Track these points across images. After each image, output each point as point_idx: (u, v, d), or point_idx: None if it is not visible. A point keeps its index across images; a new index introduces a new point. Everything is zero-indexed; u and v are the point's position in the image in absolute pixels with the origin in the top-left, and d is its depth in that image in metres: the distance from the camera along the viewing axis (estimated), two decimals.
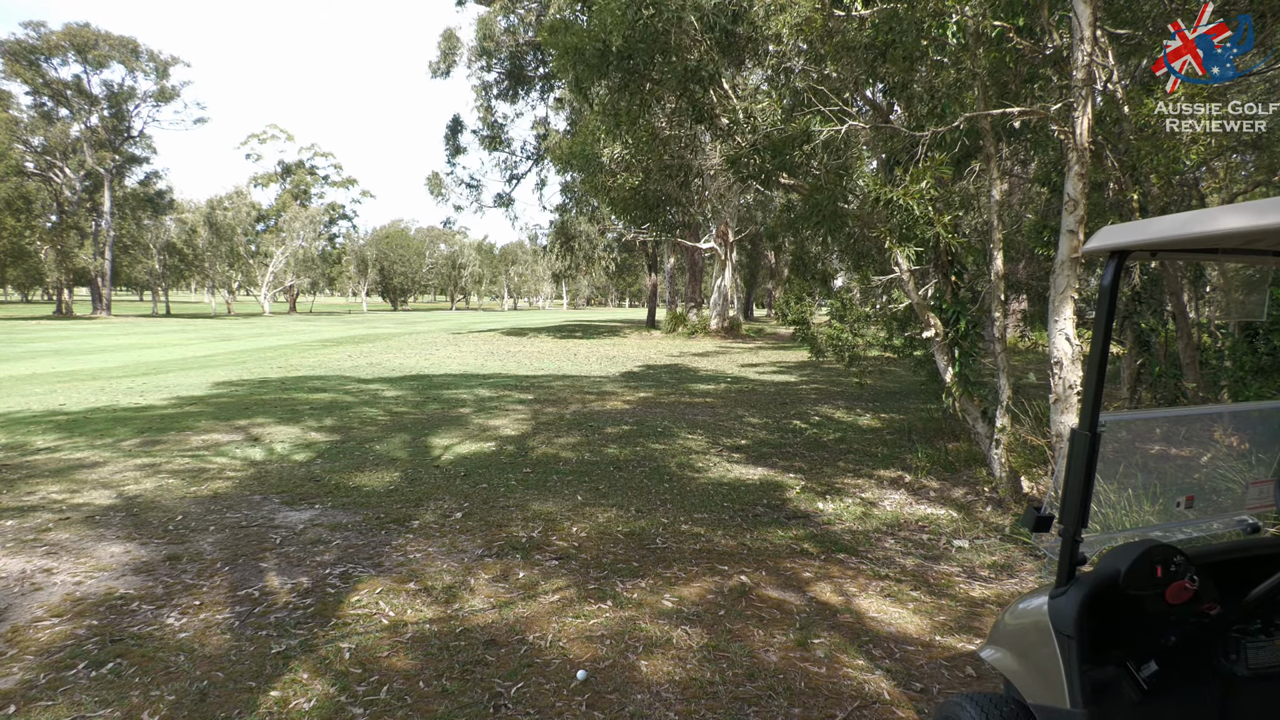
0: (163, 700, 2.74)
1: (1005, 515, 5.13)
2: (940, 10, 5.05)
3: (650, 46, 6.72)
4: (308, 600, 3.64)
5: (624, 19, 6.52)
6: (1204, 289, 8.06)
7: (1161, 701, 1.68)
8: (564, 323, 39.79)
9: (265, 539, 4.53)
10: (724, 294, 28.48)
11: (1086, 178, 4.63)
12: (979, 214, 10.68)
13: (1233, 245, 1.61)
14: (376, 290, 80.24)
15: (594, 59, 7.00)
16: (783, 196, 10.36)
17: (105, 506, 5.15)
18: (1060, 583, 1.74)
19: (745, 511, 5.32)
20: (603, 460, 6.84)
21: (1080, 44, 4.47)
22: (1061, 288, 4.71)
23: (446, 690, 2.84)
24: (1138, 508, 3.17)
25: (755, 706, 2.77)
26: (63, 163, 45.42)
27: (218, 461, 6.57)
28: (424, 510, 5.16)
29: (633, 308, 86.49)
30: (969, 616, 3.58)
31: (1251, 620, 1.74)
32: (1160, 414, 2.28)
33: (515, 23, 25.84)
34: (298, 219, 59.95)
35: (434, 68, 27.15)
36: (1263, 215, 1.31)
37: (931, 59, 5.66)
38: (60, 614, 3.45)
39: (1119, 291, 2.74)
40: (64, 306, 47.21)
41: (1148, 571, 1.61)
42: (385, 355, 18.56)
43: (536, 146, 28.76)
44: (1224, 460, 2.27)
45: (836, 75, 6.34)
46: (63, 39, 44.09)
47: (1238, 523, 1.98)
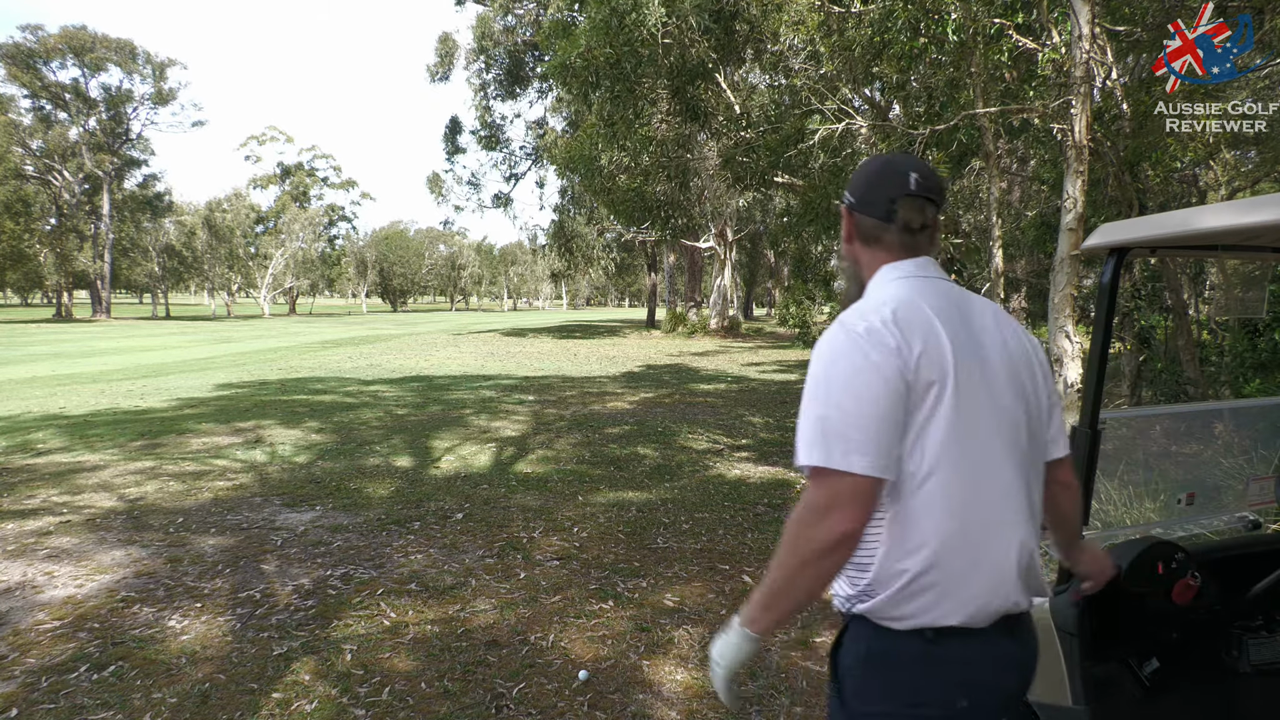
0: (164, 703, 2.74)
1: None
2: (938, 7, 5.05)
3: (635, 52, 6.74)
4: (309, 602, 3.64)
5: (607, 30, 6.54)
6: (1204, 286, 8.06)
7: (1163, 698, 1.68)
8: (564, 323, 39.80)
9: (266, 541, 4.53)
10: (723, 293, 28.49)
11: (1085, 175, 4.63)
12: (979, 211, 10.69)
13: (1232, 242, 1.61)
14: (376, 291, 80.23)
15: (583, 73, 7.02)
16: (782, 198, 10.37)
17: (106, 509, 5.15)
18: (1061, 580, 1.74)
19: (747, 511, 5.32)
20: (604, 460, 6.84)
21: (1079, 41, 4.47)
22: (1061, 285, 4.71)
23: (448, 691, 2.84)
24: (1139, 505, 3.17)
25: (758, 705, 2.77)
26: (61, 166, 45.41)
27: (218, 464, 6.57)
28: (425, 511, 5.16)
29: (632, 307, 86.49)
30: None
31: (1253, 617, 1.74)
32: (1161, 411, 2.29)
33: (514, 23, 25.83)
34: (297, 221, 59.95)
35: (432, 72, 27.15)
36: (1262, 211, 1.31)
37: (930, 57, 5.66)
38: (61, 617, 3.45)
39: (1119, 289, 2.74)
40: (63, 309, 47.20)
41: (1149, 568, 1.61)
42: (385, 356, 18.55)
43: (535, 146, 28.75)
44: (1225, 457, 2.27)
45: (834, 74, 6.34)
46: (60, 42, 44.05)
47: (1239, 519, 1.98)
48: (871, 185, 1.29)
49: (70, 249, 45.32)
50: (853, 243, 1.33)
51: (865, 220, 1.30)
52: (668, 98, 7.38)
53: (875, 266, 1.31)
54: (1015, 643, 1.21)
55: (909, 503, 1.12)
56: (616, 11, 6.48)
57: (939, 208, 1.30)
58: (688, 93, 7.16)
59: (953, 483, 1.12)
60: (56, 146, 45.19)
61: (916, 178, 1.26)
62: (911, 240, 1.28)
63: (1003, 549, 1.15)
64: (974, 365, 1.17)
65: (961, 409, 1.13)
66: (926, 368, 1.13)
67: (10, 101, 43.33)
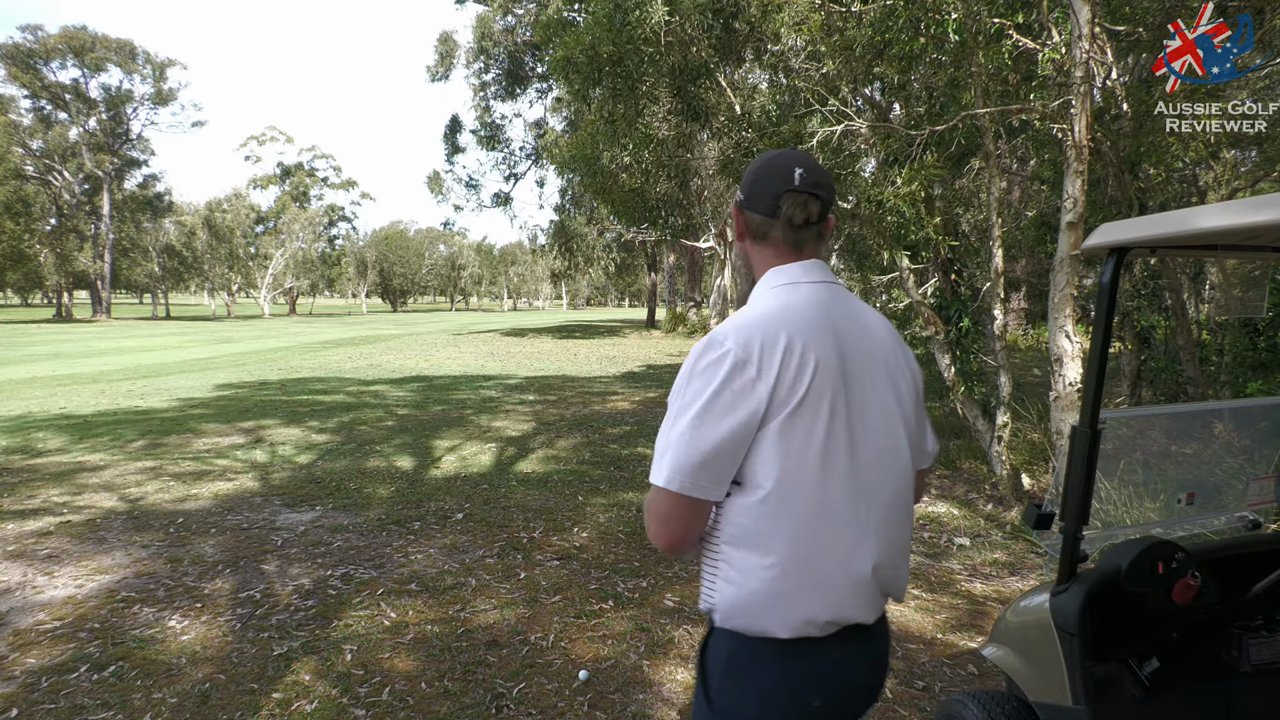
0: (164, 703, 2.74)
1: (1007, 512, 5.13)
2: (938, 6, 5.05)
3: (638, 50, 6.74)
4: (309, 602, 3.64)
5: (610, 25, 6.54)
6: (1203, 285, 8.06)
7: (1163, 698, 1.68)
8: (564, 323, 39.79)
9: (266, 541, 4.53)
10: (723, 293, 28.46)
11: (1085, 175, 4.63)
12: (979, 211, 10.69)
13: (1232, 241, 1.61)
14: (376, 292, 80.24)
15: (586, 68, 7.02)
16: None
17: (106, 509, 5.15)
18: (1061, 580, 1.74)
19: None
20: (604, 460, 6.84)
21: (1079, 41, 4.47)
22: (1061, 285, 4.71)
23: (449, 691, 2.84)
24: (1139, 504, 3.17)
25: None
26: (61, 166, 45.41)
27: (219, 464, 6.57)
28: (425, 511, 5.16)
29: (632, 307, 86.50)
30: (971, 614, 3.58)
31: (1253, 616, 1.74)
32: (1161, 410, 2.28)
33: (513, 23, 25.84)
34: (297, 221, 59.95)
35: (432, 72, 27.14)
36: (1262, 211, 1.31)
37: (930, 56, 5.66)
38: (62, 617, 3.45)
39: (1119, 288, 2.74)
40: (64, 310, 47.20)
41: (1149, 568, 1.61)
42: (386, 356, 18.56)
43: (535, 146, 28.75)
44: (1225, 457, 2.27)
45: (835, 74, 6.34)
46: (60, 42, 44.06)
47: (1239, 519, 1.98)
48: (757, 181, 1.27)
49: (70, 249, 45.33)
50: (744, 240, 1.32)
51: (753, 217, 1.29)
52: (669, 96, 7.38)
53: (764, 266, 1.30)
54: (868, 645, 1.26)
55: (760, 521, 1.15)
56: (621, 8, 6.48)
57: (825, 204, 1.27)
58: (689, 92, 7.16)
59: (805, 502, 1.14)
60: (56, 147, 45.19)
61: (801, 172, 1.24)
62: (796, 237, 1.26)
63: (856, 567, 1.17)
64: (845, 382, 1.17)
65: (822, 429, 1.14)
66: (786, 389, 1.13)
67: (10, 102, 43.34)
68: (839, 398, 1.16)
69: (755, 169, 1.30)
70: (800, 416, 1.13)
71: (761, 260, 1.30)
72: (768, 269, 1.29)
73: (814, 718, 1.19)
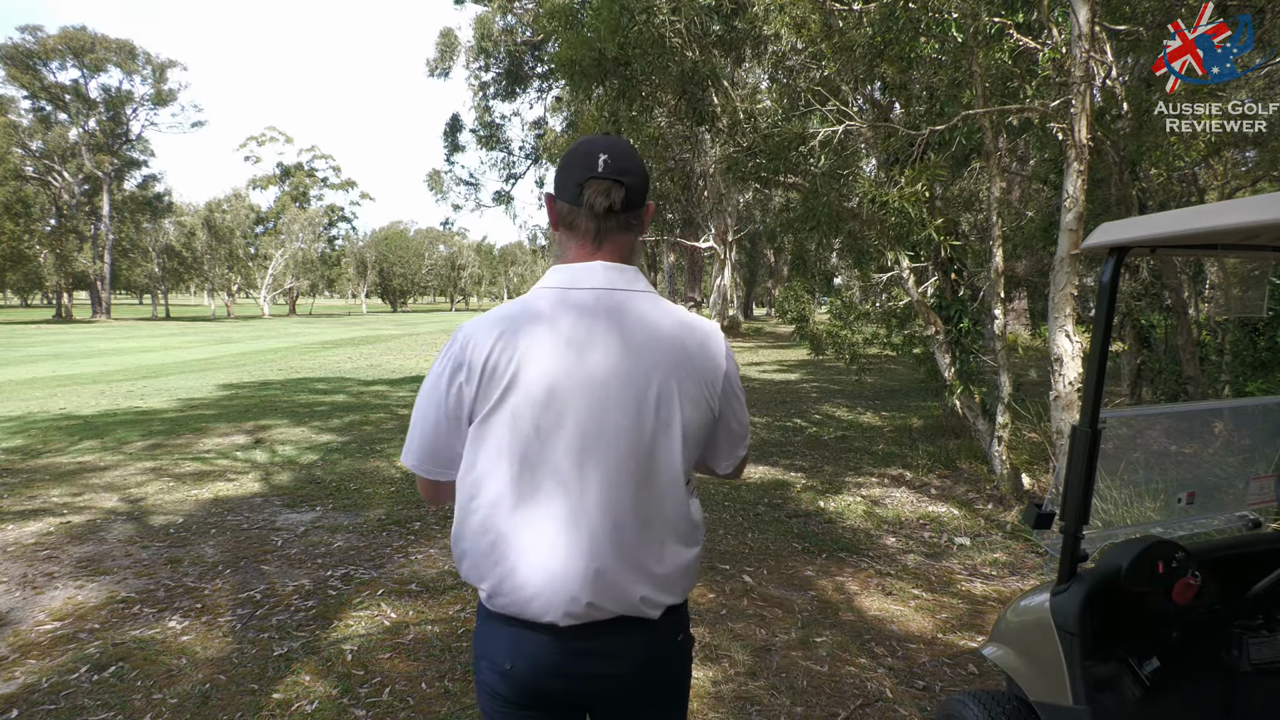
0: (165, 704, 2.74)
1: (1007, 512, 5.14)
2: (939, 6, 5.05)
3: (645, 53, 6.72)
4: (309, 602, 3.64)
5: (617, 26, 6.53)
6: (1203, 285, 8.06)
7: (1164, 697, 1.68)
8: None
9: (267, 541, 4.53)
10: (723, 293, 28.49)
11: (1085, 174, 4.63)
12: (979, 211, 10.69)
13: (1232, 241, 1.61)
14: (376, 292, 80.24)
15: (591, 68, 7.01)
16: (782, 195, 10.36)
17: (107, 510, 5.15)
18: (1062, 580, 1.74)
19: (746, 511, 5.32)
20: None
21: (1079, 41, 4.47)
22: (1061, 285, 4.71)
23: (449, 691, 2.84)
24: (1139, 504, 3.17)
25: (758, 705, 2.77)
26: (61, 166, 45.41)
27: (219, 464, 6.57)
28: (425, 511, 5.16)
29: None
30: (971, 614, 3.59)
31: (1253, 616, 1.74)
32: (1161, 410, 2.28)
33: (513, 22, 25.83)
34: (297, 221, 59.95)
35: (432, 66, 27.11)
36: (1262, 211, 1.31)
37: (930, 57, 5.66)
38: (62, 617, 3.45)
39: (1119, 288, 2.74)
40: (63, 310, 47.20)
41: (1149, 568, 1.61)
42: (386, 357, 18.56)
43: (535, 146, 28.75)
44: (1225, 456, 2.27)
45: (835, 74, 6.34)
46: (60, 42, 44.04)
47: (1239, 518, 1.98)
48: (564, 169, 1.24)
49: (70, 250, 45.32)
50: (557, 229, 1.29)
51: (561, 205, 1.26)
52: (673, 98, 7.37)
53: (564, 257, 1.27)
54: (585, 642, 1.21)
55: (471, 501, 1.21)
56: (626, 9, 6.46)
57: (632, 190, 1.23)
58: (694, 94, 7.15)
59: (506, 493, 1.18)
60: (56, 147, 45.17)
61: (605, 159, 1.20)
62: (598, 225, 1.23)
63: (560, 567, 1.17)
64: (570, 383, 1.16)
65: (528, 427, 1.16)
66: (497, 381, 1.16)
67: (10, 102, 43.33)
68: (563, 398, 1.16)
69: (564, 157, 1.27)
70: (502, 411, 1.17)
71: (565, 249, 1.27)
72: (564, 262, 1.26)
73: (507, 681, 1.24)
